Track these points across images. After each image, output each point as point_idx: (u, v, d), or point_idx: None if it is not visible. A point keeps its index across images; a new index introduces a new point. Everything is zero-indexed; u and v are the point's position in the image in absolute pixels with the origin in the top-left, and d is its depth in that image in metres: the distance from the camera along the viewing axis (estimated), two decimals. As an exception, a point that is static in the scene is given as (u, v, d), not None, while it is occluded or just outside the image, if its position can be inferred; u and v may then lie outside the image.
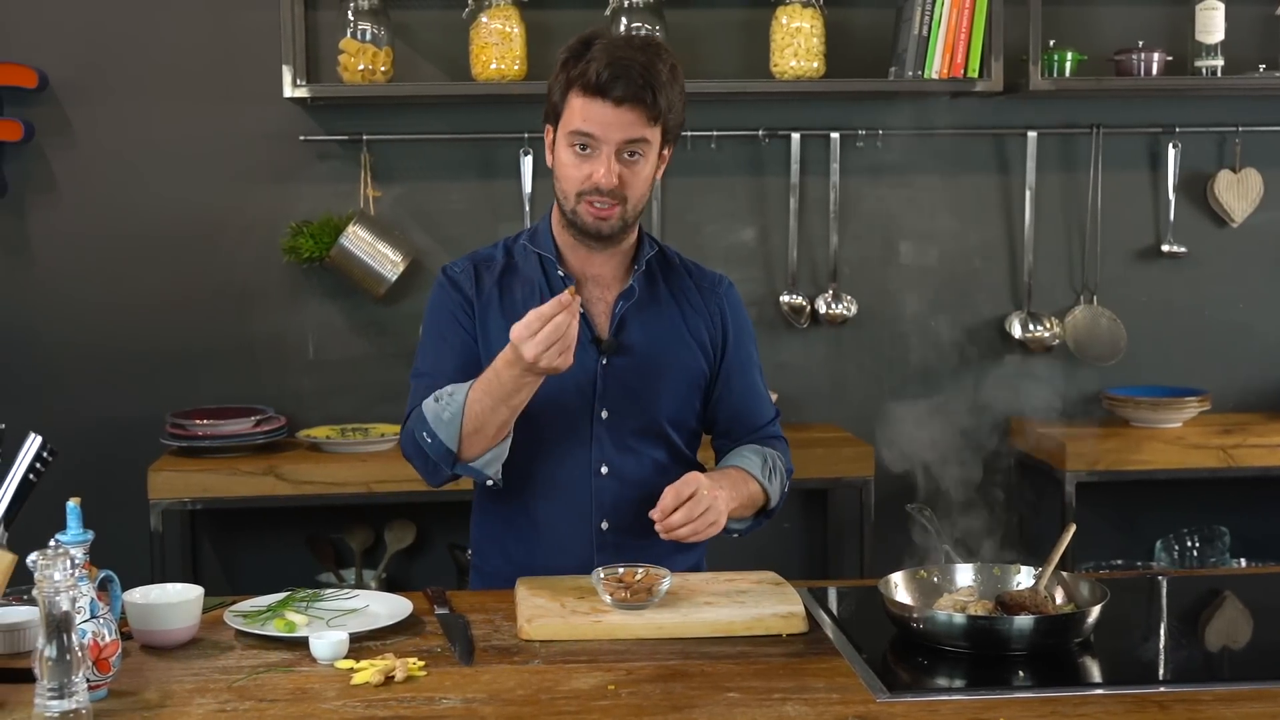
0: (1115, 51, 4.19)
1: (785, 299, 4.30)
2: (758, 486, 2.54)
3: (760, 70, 4.15)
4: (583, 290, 2.54)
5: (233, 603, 2.31)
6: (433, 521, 4.27)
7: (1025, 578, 2.29)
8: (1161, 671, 2.13)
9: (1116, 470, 4.03)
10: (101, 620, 1.91)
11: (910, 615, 2.14)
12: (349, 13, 4.00)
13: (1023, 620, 2.09)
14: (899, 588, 2.26)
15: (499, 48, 3.99)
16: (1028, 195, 4.32)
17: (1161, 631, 2.34)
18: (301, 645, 2.11)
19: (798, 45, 4.05)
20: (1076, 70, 4.16)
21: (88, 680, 1.80)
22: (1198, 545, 4.29)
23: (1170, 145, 4.32)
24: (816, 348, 4.37)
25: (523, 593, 2.32)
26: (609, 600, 2.25)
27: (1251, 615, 2.43)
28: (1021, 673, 2.02)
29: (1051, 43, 4.16)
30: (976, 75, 4.08)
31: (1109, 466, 4.02)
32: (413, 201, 4.24)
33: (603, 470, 2.51)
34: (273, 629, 2.17)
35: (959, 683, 2.02)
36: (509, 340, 2.28)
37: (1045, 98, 4.25)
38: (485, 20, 4.00)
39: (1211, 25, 4.15)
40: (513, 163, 4.18)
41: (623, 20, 3.97)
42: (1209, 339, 4.43)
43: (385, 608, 2.30)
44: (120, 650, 1.93)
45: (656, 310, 2.56)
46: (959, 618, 2.10)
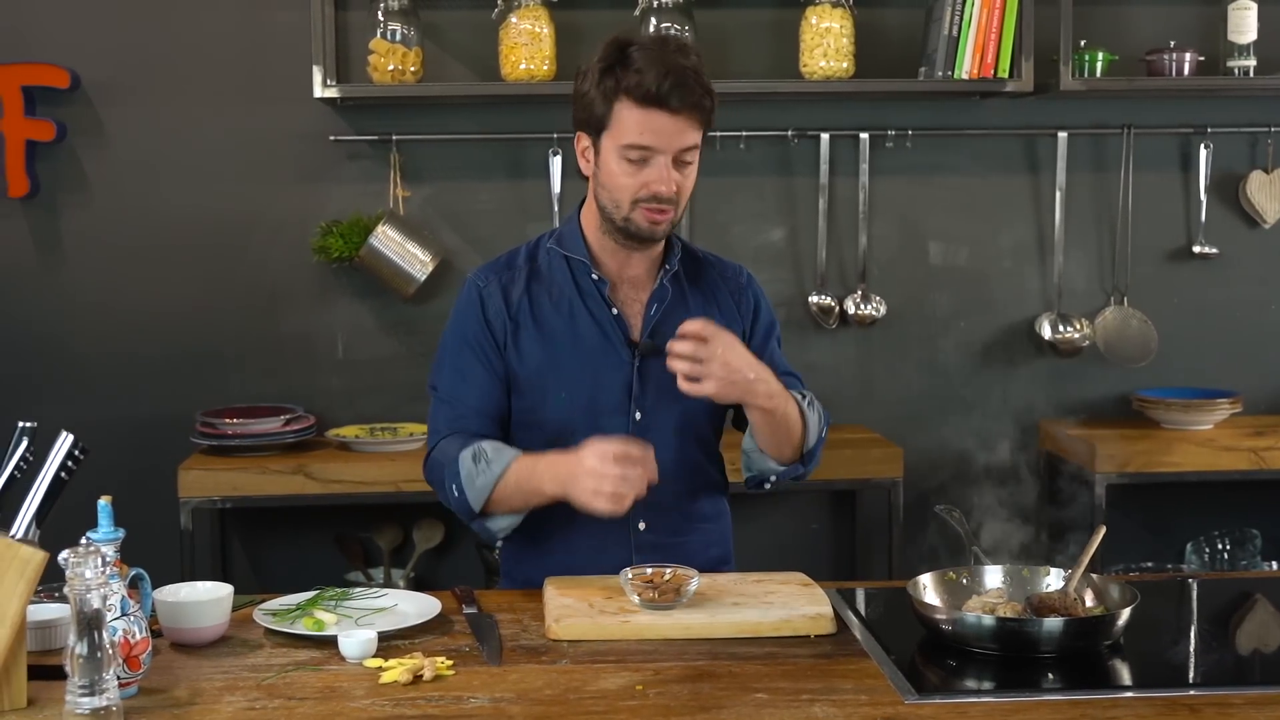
0: (1147, 51, 4.17)
1: (814, 299, 4.29)
2: (795, 409, 2.48)
3: (789, 70, 4.14)
4: (616, 293, 2.54)
5: (262, 601, 2.32)
6: (461, 521, 4.26)
7: (1055, 580, 2.28)
8: (1192, 675, 2.12)
9: (1147, 472, 4.01)
10: (132, 618, 1.92)
11: (939, 617, 2.14)
12: (379, 13, 4.01)
13: (1052, 622, 2.08)
14: (928, 589, 2.25)
15: (528, 48, 3.99)
16: (1058, 196, 4.30)
17: (1192, 634, 2.33)
18: (330, 644, 2.12)
19: (827, 45, 4.04)
20: (1107, 70, 4.14)
21: (118, 678, 1.81)
22: (1228, 548, 4.26)
23: (1202, 146, 4.29)
24: (845, 348, 4.36)
25: (551, 592, 2.33)
26: (637, 600, 2.25)
27: (1283, 619, 2.41)
28: (1051, 675, 2.01)
29: (1082, 43, 4.13)
30: (1007, 75, 4.06)
31: (1139, 468, 4.00)
32: (442, 201, 4.25)
33: None
34: (302, 627, 2.18)
35: (988, 685, 2.01)
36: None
37: (1076, 98, 4.23)
38: (515, 20, 4.00)
39: (1244, 25, 4.12)
40: (542, 163, 4.18)
41: (652, 20, 3.96)
42: (1240, 340, 4.41)
43: (414, 607, 2.30)
44: (150, 648, 1.94)
45: (688, 310, 2.55)
46: (988, 619, 2.09)
